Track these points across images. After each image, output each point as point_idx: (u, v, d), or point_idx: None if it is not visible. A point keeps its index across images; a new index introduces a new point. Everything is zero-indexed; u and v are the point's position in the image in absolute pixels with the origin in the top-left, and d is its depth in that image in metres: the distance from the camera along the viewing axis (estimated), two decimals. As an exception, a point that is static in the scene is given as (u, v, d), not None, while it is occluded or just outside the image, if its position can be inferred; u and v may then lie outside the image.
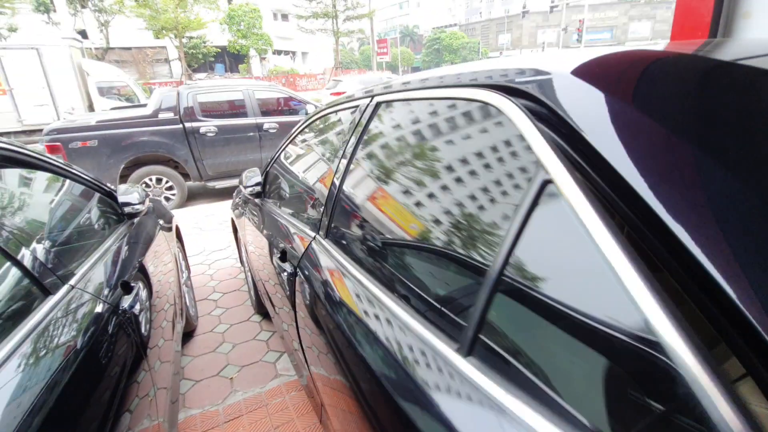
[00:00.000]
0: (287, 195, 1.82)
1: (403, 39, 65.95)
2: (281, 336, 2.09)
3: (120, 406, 0.97)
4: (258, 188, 2.12)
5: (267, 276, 2.07)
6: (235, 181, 5.96)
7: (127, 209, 1.82)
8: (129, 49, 27.93)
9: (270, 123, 5.99)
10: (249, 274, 2.77)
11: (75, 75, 10.62)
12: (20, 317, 0.88)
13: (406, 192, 0.94)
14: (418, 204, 0.90)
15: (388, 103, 1.10)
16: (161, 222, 2.32)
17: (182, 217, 5.05)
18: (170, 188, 5.65)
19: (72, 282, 1.10)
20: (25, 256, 0.98)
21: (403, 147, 1.00)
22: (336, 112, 1.54)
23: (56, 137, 5.05)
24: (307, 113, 6.17)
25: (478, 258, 0.68)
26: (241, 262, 3.20)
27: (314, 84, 32.70)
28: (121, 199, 1.83)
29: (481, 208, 0.71)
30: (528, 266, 0.57)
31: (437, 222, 0.82)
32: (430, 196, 0.86)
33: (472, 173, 0.75)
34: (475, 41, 60.14)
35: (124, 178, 5.38)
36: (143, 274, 1.60)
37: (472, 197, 0.73)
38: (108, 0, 21.33)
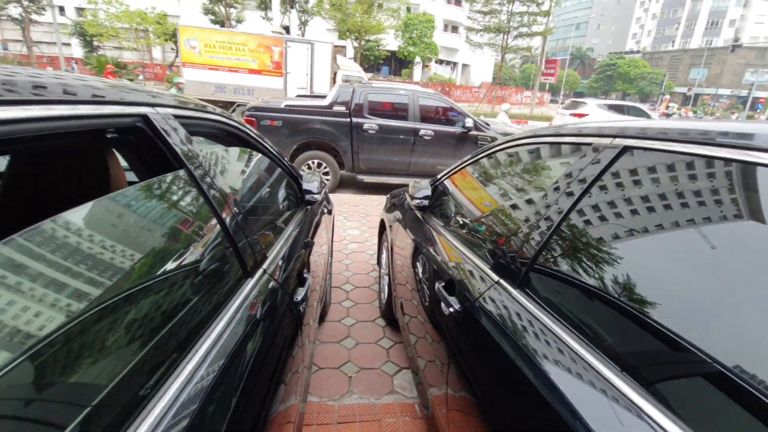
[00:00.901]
0: (461, 221, 1.67)
1: (572, 61, 61.37)
2: (408, 353, 2.00)
3: (279, 379, 1.01)
4: (426, 202, 2.03)
5: (409, 290, 1.99)
6: (382, 179, 6.17)
7: (307, 196, 1.91)
8: (317, 45, 31.55)
9: (426, 130, 6.02)
10: (386, 277, 2.75)
11: (330, 67, 12.68)
12: (228, 296, 0.92)
13: (667, 265, 0.71)
14: (683, 280, 0.67)
15: (643, 151, 0.86)
16: (325, 210, 2.43)
17: (334, 203, 5.39)
18: (326, 173, 6.10)
19: (265, 266, 1.13)
20: (238, 235, 1.02)
21: (661, 211, 0.77)
22: (549, 144, 1.33)
23: (253, 113, 5.84)
24: (464, 126, 6.03)
25: None
26: (379, 262, 3.22)
27: (468, 96, 32.53)
28: (304, 185, 1.92)
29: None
30: None
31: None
32: (703, 272, 0.63)
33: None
34: (659, 72, 52.72)
35: (293, 157, 5.99)
36: (311, 261, 1.65)
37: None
38: (311, 3, 24.34)
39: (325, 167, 6.06)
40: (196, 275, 0.82)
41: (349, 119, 5.89)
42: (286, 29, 25.78)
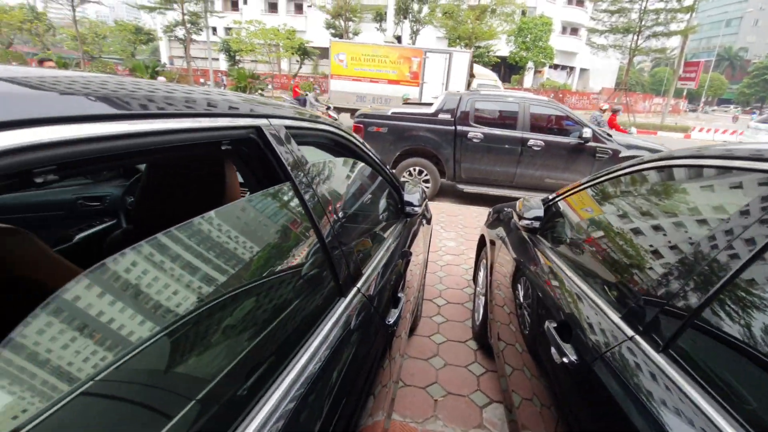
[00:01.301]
0: (582, 252, 1.43)
1: (718, 63, 52.51)
2: (501, 385, 1.80)
3: (368, 391, 0.99)
4: (536, 223, 1.80)
5: (508, 315, 1.79)
6: (483, 189, 5.87)
7: (407, 208, 1.83)
8: (426, 53, 31.85)
9: (536, 140, 5.57)
10: (482, 297, 2.55)
11: (467, 75, 12.89)
12: (322, 314, 0.88)
13: None
14: None
15: None
16: (424, 221, 2.33)
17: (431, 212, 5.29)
18: (427, 181, 6.02)
19: (359, 285, 1.07)
20: (336, 252, 0.98)
21: None
22: (717, 168, 1.03)
23: (361, 120, 6.03)
24: (581, 137, 5.45)
25: None
26: (475, 280, 3.01)
27: (584, 103, 29.77)
28: (406, 197, 1.84)
29: None
30: None
31: None
32: None
33: None
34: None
35: (395, 163, 6.04)
36: (406, 277, 1.57)
37: None
38: (423, 12, 24.65)
39: (426, 175, 5.98)
40: (292, 291, 0.80)
41: (453, 127, 5.73)
42: (398, 39, 26.51)
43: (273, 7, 34.52)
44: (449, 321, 2.77)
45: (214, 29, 31.66)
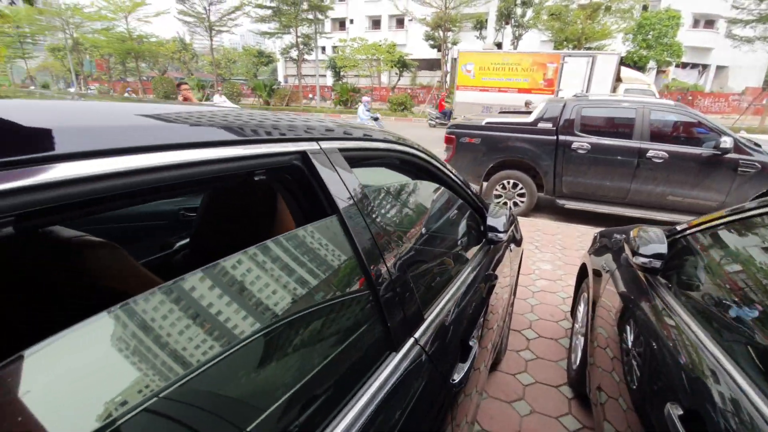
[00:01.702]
0: (727, 312, 1.05)
1: None
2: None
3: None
4: (657, 263, 1.42)
5: (611, 362, 1.46)
6: (588, 206, 5.21)
7: (490, 234, 1.58)
8: (529, 58, 30.18)
9: (657, 151, 4.76)
10: (580, 337, 2.16)
11: (613, 79, 11.61)
12: (360, 377, 0.73)
13: None
14: None
15: None
16: (512, 245, 2.04)
17: (522, 226, 4.83)
18: (522, 195, 5.54)
19: (417, 334, 0.90)
20: (389, 294, 0.82)
21: None
22: None
23: (453, 131, 5.80)
24: (718, 147, 4.51)
25: None
26: (573, 313, 2.60)
27: (720, 105, 25.30)
28: (489, 220, 1.60)
29: None
30: None
31: None
32: None
33: None
34: None
35: (487, 175, 5.68)
36: (484, 320, 1.35)
37: None
38: (527, 16, 23.38)
39: (521, 188, 5.51)
40: (328, 346, 0.67)
41: (555, 137, 5.19)
42: (498, 46, 25.54)
43: (376, 24, 35.97)
44: (539, 359, 2.42)
45: (323, 48, 34.02)
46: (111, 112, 0.57)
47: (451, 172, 1.47)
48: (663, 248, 1.42)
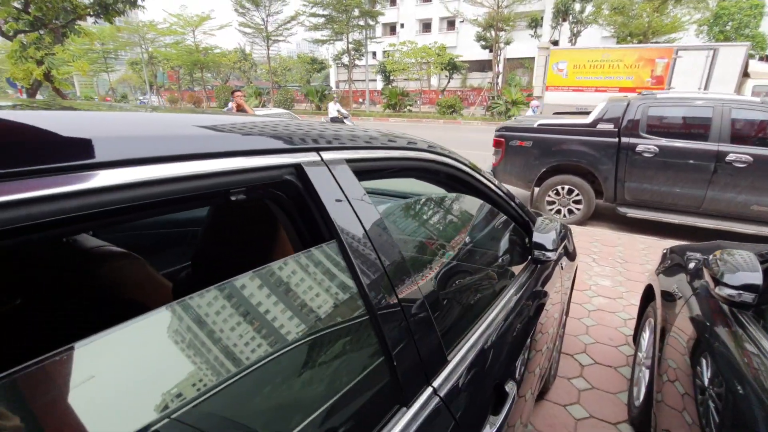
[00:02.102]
0: None
1: None
2: None
3: None
4: (749, 296, 1.14)
5: (682, 400, 1.22)
6: (655, 215, 4.69)
7: (536, 252, 1.36)
8: (588, 56, 28.45)
9: (739, 154, 4.18)
10: (645, 370, 1.88)
11: (739, 75, 10.19)
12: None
13: None
14: None
15: None
16: (563, 262, 1.80)
17: (577, 237, 4.45)
18: (577, 202, 5.12)
19: (438, 382, 0.74)
20: (396, 334, 0.67)
21: None
22: None
23: (502, 134, 5.50)
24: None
25: None
26: (635, 340, 2.28)
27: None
28: (535, 237, 1.37)
29: None
30: None
31: None
32: None
33: None
34: None
35: (539, 180, 5.32)
36: (530, 343, 1.16)
37: None
38: (586, 12, 22.03)
39: (577, 194, 5.09)
40: (320, 397, 0.55)
41: (616, 139, 4.74)
42: (555, 44, 24.34)
43: (427, 27, 35.72)
44: (595, 389, 2.14)
45: (374, 54, 34.37)
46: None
47: (490, 181, 1.29)
48: (757, 278, 1.14)
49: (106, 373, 0.38)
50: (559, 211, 5.27)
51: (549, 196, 5.29)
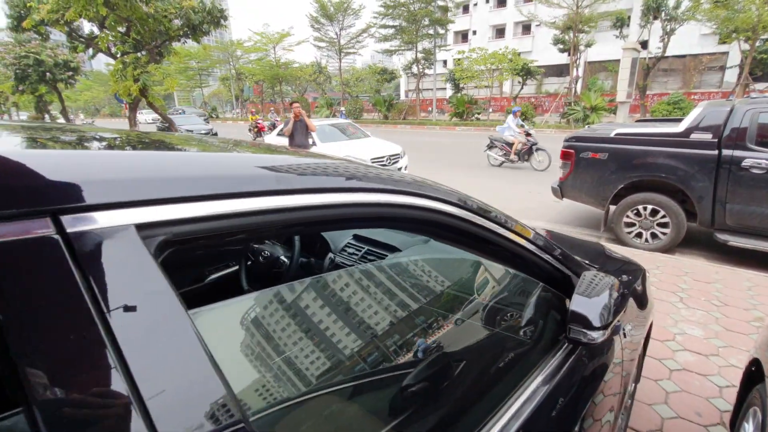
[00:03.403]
0: None
1: None
2: None
3: None
4: None
5: None
6: (765, 245, 3.76)
7: (572, 329, 0.91)
8: (682, 57, 25.34)
9: None
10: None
11: None
12: None
13: None
14: None
15: None
16: (625, 328, 1.33)
17: (662, 268, 3.70)
18: (663, 225, 4.32)
19: None
20: None
21: None
22: None
23: (572, 144, 4.87)
24: None
25: None
26: (733, 426, 1.69)
27: None
28: (574, 304, 0.92)
29: None
30: None
31: None
32: None
33: None
34: None
35: (616, 198, 4.60)
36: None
37: None
38: (682, 7, 19.54)
39: (662, 216, 4.30)
40: None
41: (716, 151, 3.90)
42: (644, 44, 21.95)
43: (500, 33, 34.40)
44: (673, 487, 1.61)
45: (445, 62, 33.87)
46: None
47: (511, 227, 0.92)
48: None
49: None
50: (640, 235, 4.50)
51: (628, 216, 4.54)
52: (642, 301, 1.58)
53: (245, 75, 35.94)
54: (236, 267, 1.75)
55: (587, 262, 1.38)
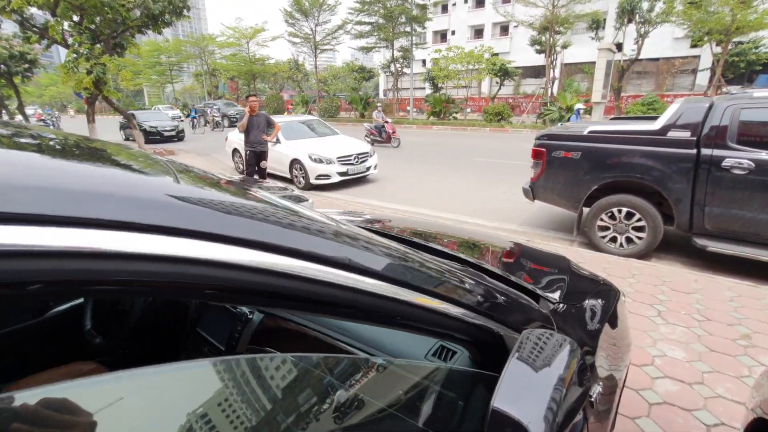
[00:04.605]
0: None
1: None
2: None
3: None
4: None
5: None
6: (747, 251, 3.52)
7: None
8: (656, 60, 25.86)
9: None
10: None
11: None
12: None
13: None
14: None
15: None
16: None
17: (639, 276, 3.41)
18: (639, 229, 4.05)
19: None
20: None
21: None
22: None
23: (543, 143, 4.58)
24: None
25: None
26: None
27: None
28: (499, 400, 0.54)
29: None
30: None
31: None
32: None
33: None
34: None
35: (589, 200, 4.31)
36: None
37: None
38: (656, 10, 19.84)
39: (638, 219, 4.02)
40: None
41: (694, 150, 3.65)
42: (619, 47, 22.24)
43: (479, 34, 34.45)
44: None
45: (424, 61, 33.67)
46: None
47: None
48: None
49: None
50: (614, 239, 4.22)
51: (602, 219, 4.26)
52: (618, 339, 1.21)
53: (219, 71, 34.85)
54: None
55: (544, 293, 1.00)
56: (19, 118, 21.94)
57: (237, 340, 1.02)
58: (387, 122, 13.47)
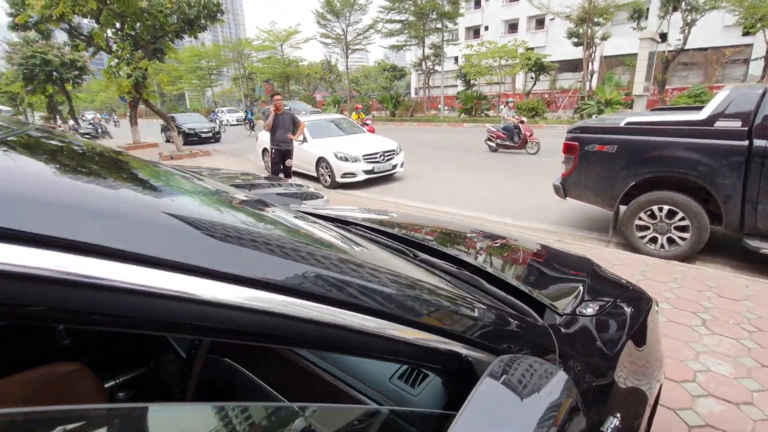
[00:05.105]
0: None
1: None
2: None
3: None
4: None
5: None
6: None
7: None
8: (704, 50, 24.11)
9: None
10: None
11: None
12: None
13: None
14: None
15: None
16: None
17: (682, 281, 3.11)
18: (682, 228, 3.70)
19: None
20: None
21: None
22: None
23: (575, 136, 4.30)
24: None
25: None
26: None
27: None
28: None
29: None
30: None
31: None
32: None
33: None
34: None
35: (627, 197, 3.99)
36: None
37: None
38: (706, -4, 18.45)
39: (682, 218, 3.68)
40: None
41: (746, 142, 3.28)
42: (663, 37, 20.92)
43: (513, 28, 33.44)
44: None
45: (456, 59, 33.14)
46: None
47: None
48: None
49: None
50: (654, 240, 3.89)
51: (640, 218, 3.94)
52: (645, 356, 1.04)
53: (255, 74, 35.81)
54: None
55: (551, 303, 0.85)
56: (71, 122, 23.49)
57: (197, 348, 0.95)
58: (522, 122, 10.46)
